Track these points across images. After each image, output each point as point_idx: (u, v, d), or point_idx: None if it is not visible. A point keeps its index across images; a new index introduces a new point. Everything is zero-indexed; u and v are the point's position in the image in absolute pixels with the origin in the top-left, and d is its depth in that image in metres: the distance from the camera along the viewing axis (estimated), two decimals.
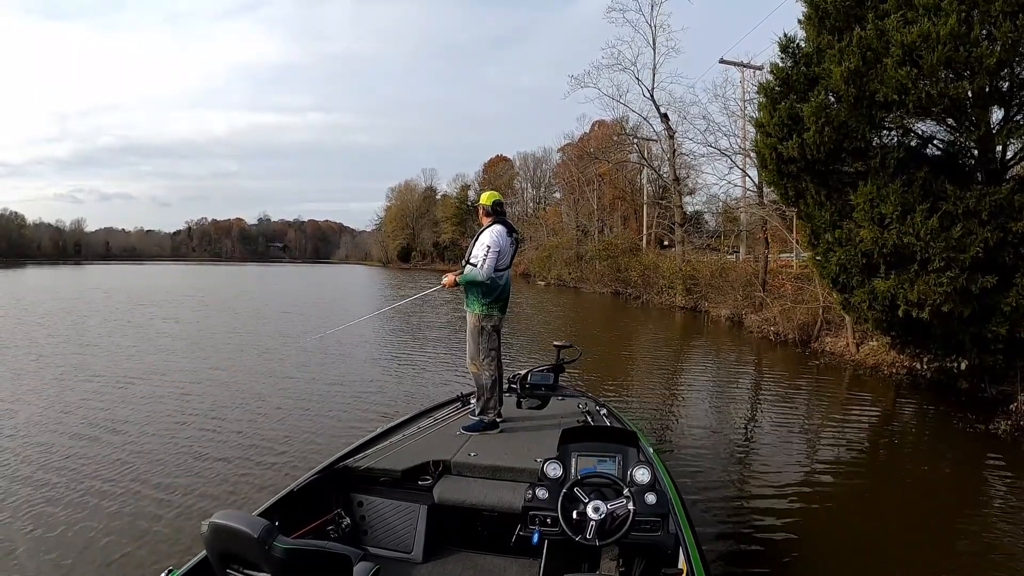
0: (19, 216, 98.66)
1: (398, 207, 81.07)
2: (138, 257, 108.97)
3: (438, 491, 3.05)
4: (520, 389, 4.56)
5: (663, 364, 11.32)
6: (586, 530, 2.32)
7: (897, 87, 6.24)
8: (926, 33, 5.94)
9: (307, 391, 8.24)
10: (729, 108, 20.46)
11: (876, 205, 6.82)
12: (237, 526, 1.85)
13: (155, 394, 7.88)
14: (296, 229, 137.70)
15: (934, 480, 5.50)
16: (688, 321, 18.15)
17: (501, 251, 3.91)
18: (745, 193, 20.66)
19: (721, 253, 22.48)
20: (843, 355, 10.92)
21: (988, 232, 6.20)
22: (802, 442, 6.47)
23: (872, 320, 7.94)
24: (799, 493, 4.91)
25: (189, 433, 6.22)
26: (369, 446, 3.41)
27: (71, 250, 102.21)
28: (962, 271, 6.31)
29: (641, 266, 25.35)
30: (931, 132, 7.55)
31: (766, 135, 7.93)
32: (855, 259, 7.28)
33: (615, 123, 31.77)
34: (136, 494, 4.64)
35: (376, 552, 2.97)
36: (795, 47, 7.91)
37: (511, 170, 60.33)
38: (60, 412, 6.95)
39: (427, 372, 9.78)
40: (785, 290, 15.26)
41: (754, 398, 8.83)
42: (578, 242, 35.61)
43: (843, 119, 6.96)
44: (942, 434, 6.74)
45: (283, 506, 2.71)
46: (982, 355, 6.93)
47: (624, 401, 7.94)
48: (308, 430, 6.41)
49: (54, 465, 5.25)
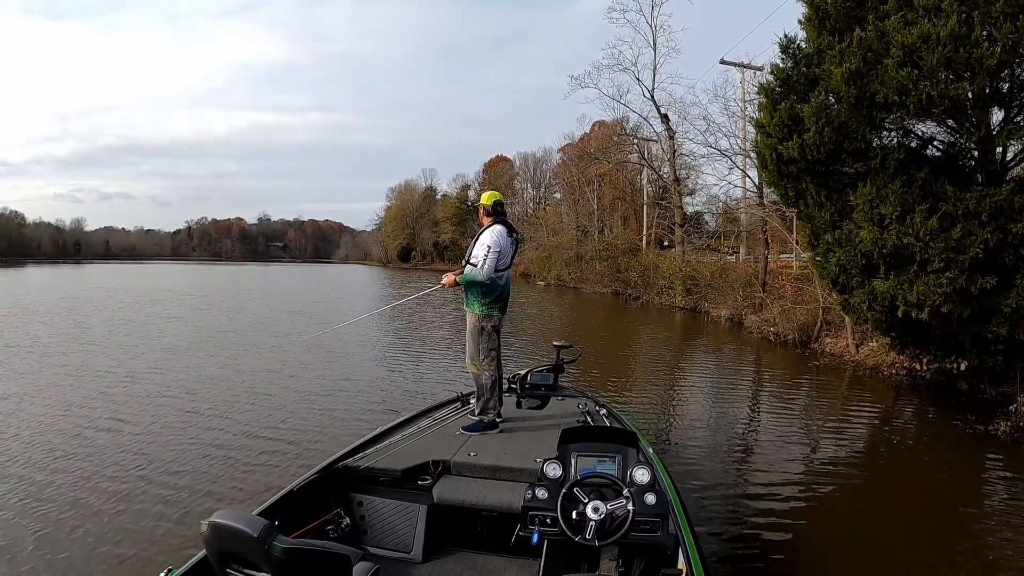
0: (19, 215, 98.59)
1: (398, 207, 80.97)
2: (138, 257, 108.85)
3: (438, 491, 3.04)
4: (520, 389, 4.56)
5: (663, 365, 11.31)
6: (586, 530, 2.32)
7: (897, 88, 6.24)
8: (926, 34, 5.94)
9: (311, 389, 8.27)
10: (729, 109, 20.52)
11: (876, 206, 6.82)
12: (237, 525, 1.84)
13: (159, 392, 7.91)
14: (296, 229, 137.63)
15: (933, 481, 5.51)
16: (688, 322, 18.15)
17: (502, 251, 3.91)
18: (745, 194, 20.69)
19: (721, 254, 22.48)
20: (843, 356, 10.92)
21: (988, 233, 6.20)
22: (802, 443, 6.47)
23: (872, 321, 7.94)
24: (799, 494, 4.92)
25: (192, 433, 6.24)
26: (369, 446, 3.40)
27: (71, 249, 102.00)
28: (962, 272, 6.31)
29: (641, 266, 25.34)
30: (931, 133, 7.55)
31: (766, 135, 7.93)
32: (855, 260, 7.27)
33: (615, 123, 31.75)
34: (137, 492, 4.64)
35: (376, 552, 2.97)
36: (795, 48, 7.90)
37: (511, 170, 60.27)
38: (63, 411, 6.94)
39: (428, 371, 9.79)
40: (785, 291, 15.26)
41: (754, 399, 8.83)
42: (578, 242, 35.59)
43: (843, 120, 6.95)
44: (942, 435, 6.74)
45: (283, 506, 2.71)
46: (982, 356, 6.93)
47: (624, 401, 7.94)
48: (313, 428, 6.45)
49: (56, 464, 5.25)
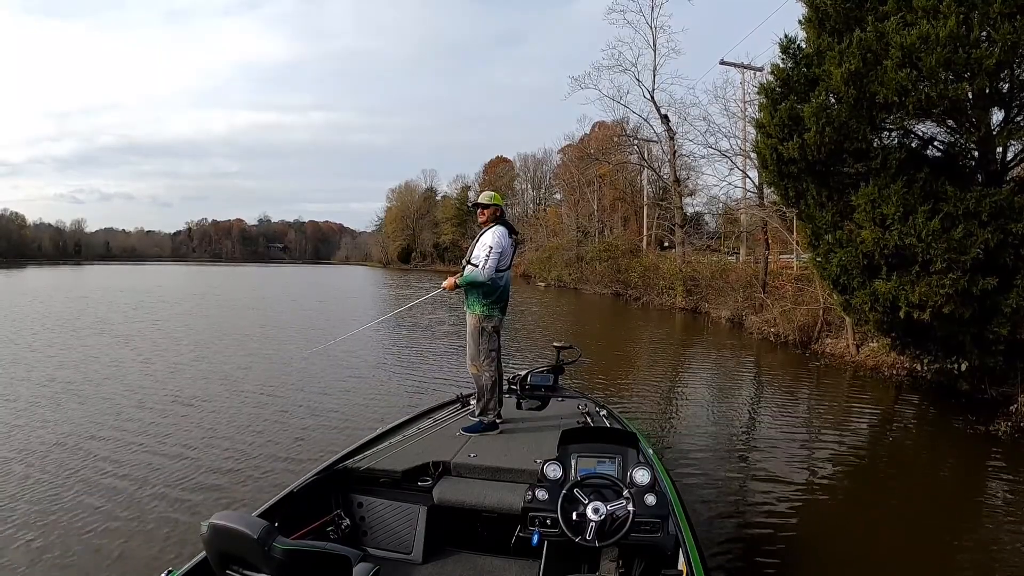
0: (19, 216, 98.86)
1: (398, 208, 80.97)
2: (138, 258, 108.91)
3: (438, 492, 3.04)
4: (520, 390, 4.56)
5: (663, 365, 11.30)
6: (586, 531, 2.32)
7: (897, 89, 6.23)
8: (925, 35, 5.93)
9: (320, 389, 8.38)
10: (729, 109, 20.55)
11: (878, 206, 6.81)
12: (236, 527, 1.84)
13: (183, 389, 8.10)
14: (296, 230, 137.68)
15: (934, 481, 5.50)
16: (688, 322, 18.14)
17: (503, 252, 3.92)
18: (745, 194, 20.70)
19: (721, 254, 22.46)
20: (843, 357, 10.90)
21: (989, 233, 6.18)
22: (802, 443, 6.45)
23: (873, 322, 7.92)
24: (799, 494, 4.92)
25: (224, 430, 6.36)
26: (369, 447, 3.40)
27: (71, 251, 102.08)
28: (963, 272, 6.30)
29: (641, 267, 25.34)
30: (931, 133, 7.53)
31: (766, 136, 7.92)
32: (856, 260, 7.26)
33: (615, 124, 31.77)
34: (138, 492, 4.64)
35: (376, 553, 2.97)
36: (795, 48, 7.89)
37: (511, 171, 60.29)
38: (79, 410, 6.97)
39: (431, 370, 9.78)
40: (785, 291, 15.24)
41: (754, 400, 8.83)
42: (578, 243, 35.60)
43: (843, 120, 6.94)
44: (942, 435, 6.74)
45: (283, 507, 2.70)
46: (983, 356, 6.92)
47: (625, 402, 7.93)
48: (326, 426, 6.57)
49: (58, 462, 5.25)
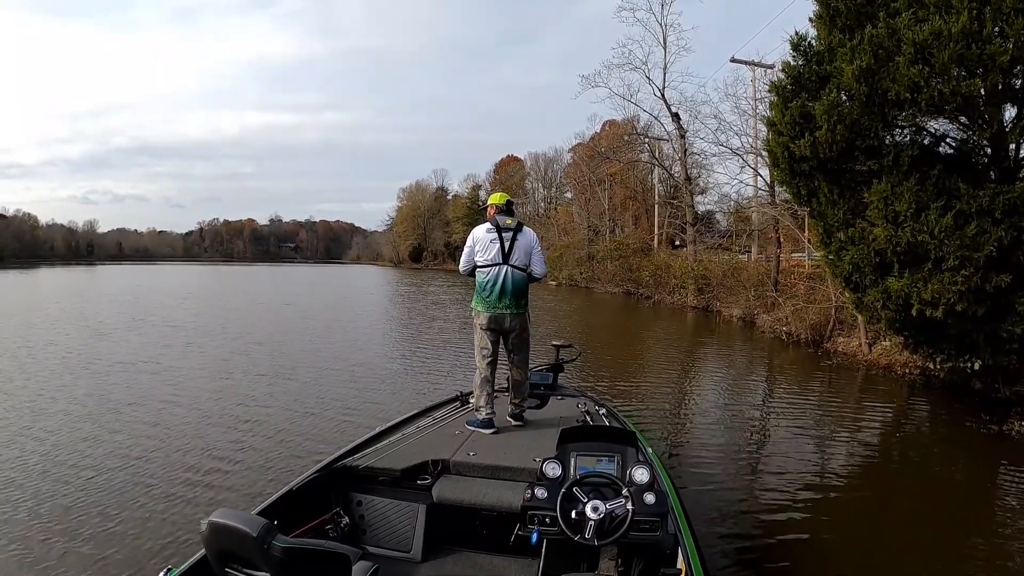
0: (32, 217, 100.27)
1: (409, 207, 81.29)
2: (150, 258, 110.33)
3: (437, 490, 3.04)
4: None
5: (674, 364, 11.25)
6: (585, 530, 2.31)
7: (909, 85, 6.14)
8: (938, 31, 5.84)
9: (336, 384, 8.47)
10: (740, 107, 20.45)
11: (890, 203, 6.72)
12: (236, 525, 1.85)
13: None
14: (307, 229, 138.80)
15: (946, 481, 5.42)
16: (700, 321, 18.03)
17: (472, 248, 4.03)
18: (757, 192, 20.53)
19: (733, 253, 22.30)
20: (855, 355, 10.79)
21: (1002, 231, 6.09)
22: (812, 442, 6.39)
23: (885, 320, 7.81)
24: (806, 493, 4.86)
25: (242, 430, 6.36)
26: (368, 445, 3.40)
27: (84, 251, 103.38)
28: (976, 270, 6.21)
29: (653, 266, 25.25)
30: (944, 130, 7.42)
31: (778, 133, 7.85)
32: (868, 258, 7.18)
33: (626, 123, 31.70)
34: (140, 490, 4.70)
35: (375, 551, 2.97)
36: (807, 45, 7.82)
37: (522, 170, 60.25)
38: (98, 406, 7.08)
39: (440, 367, 9.83)
40: (797, 290, 15.12)
41: (764, 398, 8.75)
42: (589, 242, 35.55)
43: (855, 117, 6.86)
44: (955, 435, 6.64)
45: (282, 505, 2.71)
46: (996, 355, 6.81)
47: (632, 400, 7.91)
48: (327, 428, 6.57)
49: (61, 460, 5.34)
